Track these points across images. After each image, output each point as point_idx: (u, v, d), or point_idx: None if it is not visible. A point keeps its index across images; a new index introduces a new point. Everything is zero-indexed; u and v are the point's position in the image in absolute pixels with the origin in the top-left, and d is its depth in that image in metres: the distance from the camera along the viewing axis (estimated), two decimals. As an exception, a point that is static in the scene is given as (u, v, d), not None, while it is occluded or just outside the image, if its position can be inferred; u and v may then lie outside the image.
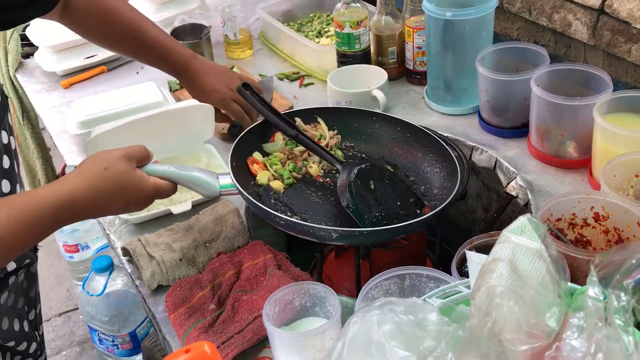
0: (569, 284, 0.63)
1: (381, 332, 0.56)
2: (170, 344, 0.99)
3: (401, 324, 0.56)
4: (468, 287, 0.68)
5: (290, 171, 1.18)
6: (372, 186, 1.07)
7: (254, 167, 1.17)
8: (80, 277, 2.28)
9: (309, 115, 1.27)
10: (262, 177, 1.16)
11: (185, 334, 0.97)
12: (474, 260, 0.66)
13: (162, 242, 1.12)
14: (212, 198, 1.10)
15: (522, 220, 0.62)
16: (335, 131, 1.27)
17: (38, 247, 1.29)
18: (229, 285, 1.04)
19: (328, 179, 1.19)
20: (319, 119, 1.27)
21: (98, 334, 2.01)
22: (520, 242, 0.59)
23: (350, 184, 1.05)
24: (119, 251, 1.16)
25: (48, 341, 2.32)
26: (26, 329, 1.14)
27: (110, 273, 1.92)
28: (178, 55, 1.27)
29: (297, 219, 1.07)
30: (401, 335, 0.55)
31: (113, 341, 2.01)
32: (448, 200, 1.10)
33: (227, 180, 1.06)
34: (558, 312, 0.56)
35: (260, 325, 0.95)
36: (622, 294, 0.53)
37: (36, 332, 1.23)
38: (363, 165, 1.09)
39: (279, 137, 1.23)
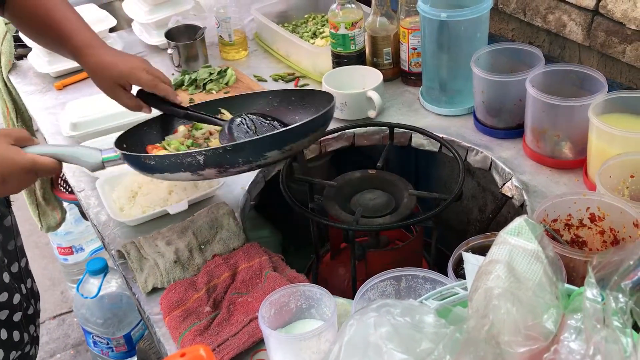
0: (566, 285, 0.62)
1: (378, 335, 0.55)
2: (165, 347, 0.98)
3: (398, 326, 0.56)
4: (465, 288, 0.68)
5: (189, 146, 1.18)
6: (249, 121, 1.13)
7: (153, 152, 1.18)
8: (75, 280, 2.27)
9: (213, 106, 1.27)
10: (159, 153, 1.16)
11: (180, 337, 0.96)
12: (471, 261, 0.66)
13: (157, 245, 1.11)
14: (97, 169, 1.06)
15: (519, 221, 0.62)
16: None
17: (11, 201, 1.29)
18: (224, 288, 1.03)
19: None
20: (222, 109, 1.27)
21: (92, 336, 2.00)
22: (518, 243, 0.59)
23: (230, 121, 1.13)
24: (114, 254, 1.15)
25: (42, 344, 2.31)
26: (6, 280, 1.13)
27: (105, 275, 1.91)
28: (80, 36, 1.18)
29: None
30: (398, 338, 0.55)
31: (108, 344, 2.00)
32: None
33: (111, 153, 1.06)
34: (555, 313, 0.55)
35: (256, 327, 0.94)
36: (620, 296, 0.53)
37: (22, 285, 1.22)
38: (243, 113, 1.15)
39: (181, 129, 1.24)
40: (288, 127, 1.06)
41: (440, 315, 0.60)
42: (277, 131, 1.07)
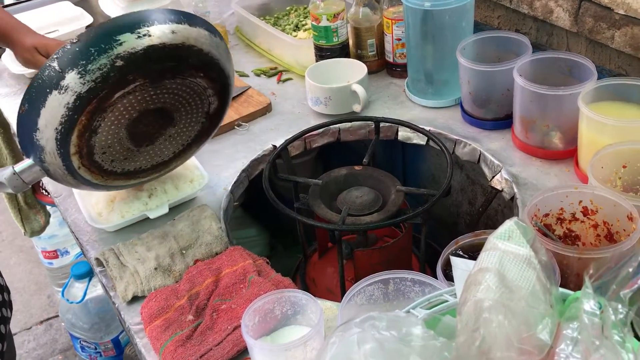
0: (561, 289, 0.59)
1: (362, 352, 0.52)
2: (146, 358, 0.94)
3: (383, 342, 0.52)
4: (454, 295, 0.64)
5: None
6: None
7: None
8: (61, 284, 2.23)
9: None
10: None
11: (162, 348, 0.92)
12: (459, 266, 0.63)
13: (136, 251, 1.07)
14: (18, 186, 0.99)
15: (509, 224, 0.58)
16: None
17: None
18: (207, 294, 0.99)
19: None
20: None
21: (80, 341, 1.96)
22: (508, 248, 0.55)
23: None
24: (92, 261, 1.11)
25: (29, 350, 2.27)
26: None
27: (90, 279, 1.87)
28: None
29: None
30: (383, 354, 0.51)
31: (96, 348, 1.96)
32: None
33: (22, 164, 0.99)
34: (550, 323, 0.52)
35: (241, 335, 0.91)
36: (620, 306, 0.49)
37: None
38: None
39: None
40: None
41: (428, 326, 0.57)
42: (128, 12, 0.96)
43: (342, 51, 1.50)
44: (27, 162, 0.98)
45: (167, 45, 0.93)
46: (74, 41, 0.91)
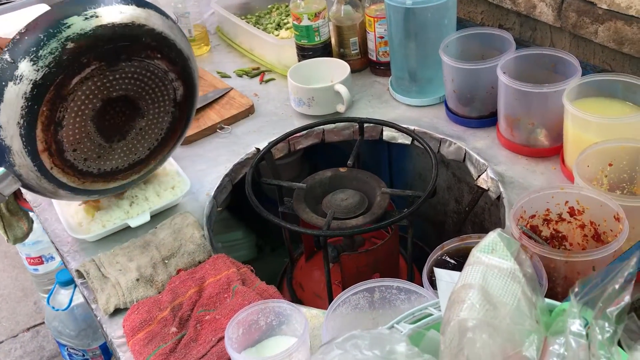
0: (547, 300, 0.58)
1: (344, 375, 0.50)
2: (130, 373, 0.92)
3: (366, 362, 0.51)
4: (438, 308, 0.63)
5: None
6: None
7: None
8: (47, 290, 2.20)
9: None
10: None
11: (145, 362, 0.91)
12: (444, 278, 0.61)
13: (118, 262, 1.05)
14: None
15: (492, 236, 0.57)
16: None
17: None
18: (190, 305, 0.98)
19: None
20: None
21: (67, 348, 1.93)
22: (492, 262, 0.54)
23: None
24: (73, 273, 1.09)
25: (16, 358, 2.24)
26: None
27: (76, 286, 1.84)
28: None
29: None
30: (366, 376, 0.50)
31: (83, 355, 1.93)
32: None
33: None
34: (537, 340, 0.51)
35: (225, 347, 0.89)
36: (606, 324, 0.48)
37: None
38: None
39: None
40: None
41: (412, 340, 0.56)
42: None
43: (324, 50, 1.48)
44: None
45: (117, 24, 0.92)
46: (22, 31, 0.89)
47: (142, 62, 0.97)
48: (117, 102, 0.98)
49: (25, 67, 0.88)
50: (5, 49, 0.89)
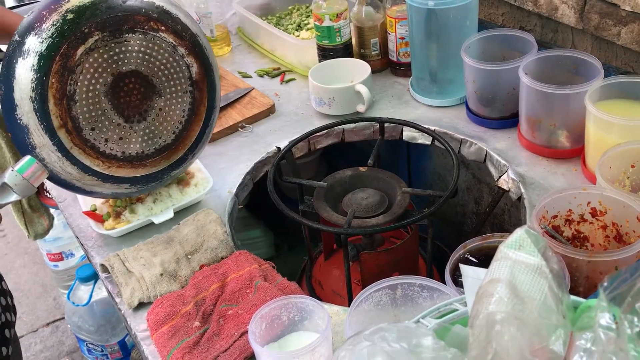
0: (572, 297, 0.58)
1: (372, 366, 0.51)
2: (153, 366, 0.94)
3: (394, 354, 0.52)
4: (464, 303, 0.64)
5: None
6: None
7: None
8: (66, 286, 2.23)
9: None
10: None
11: (169, 355, 0.92)
12: (469, 274, 0.62)
13: (142, 257, 1.07)
14: (24, 189, 0.96)
15: (519, 233, 0.57)
16: None
17: None
18: (213, 300, 0.99)
19: None
20: None
21: (86, 344, 1.96)
22: (519, 258, 0.54)
23: None
24: (98, 267, 1.11)
25: (36, 352, 2.27)
26: None
27: (96, 282, 1.87)
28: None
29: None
30: (394, 367, 0.51)
31: (102, 351, 1.96)
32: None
33: (20, 163, 0.95)
34: (564, 334, 0.51)
35: (247, 341, 0.90)
36: (636, 319, 0.49)
37: None
38: None
39: None
40: None
41: (438, 335, 0.56)
42: None
43: (345, 51, 1.49)
44: (25, 159, 0.96)
45: None
46: (30, 13, 0.95)
47: (147, 35, 0.99)
48: (129, 77, 1.00)
49: (30, 42, 0.93)
50: (16, 31, 0.95)
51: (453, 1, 1.26)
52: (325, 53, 1.49)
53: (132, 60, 0.99)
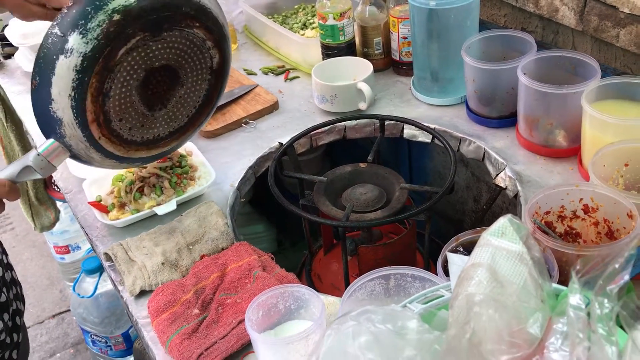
0: (554, 285, 0.60)
1: (357, 345, 0.53)
2: (153, 352, 0.97)
3: (378, 334, 0.54)
4: (450, 290, 0.66)
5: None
6: None
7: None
8: (72, 278, 2.26)
9: None
10: None
11: (168, 341, 0.95)
12: (455, 262, 0.64)
13: (144, 246, 1.10)
14: (45, 169, 0.99)
15: (502, 221, 0.60)
16: None
17: None
18: (212, 289, 1.01)
19: None
20: None
21: (91, 335, 1.99)
22: (501, 245, 0.56)
23: None
24: (101, 256, 1.14)
25: (42, 343, 2.30)
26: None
27: (101, 274, 1.90)
28: None
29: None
30: (378, 347, 0.53)
31: (106, 342, 1.99)
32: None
33: (43, 145, 0.99)
34: (541, 318, 0.53)
35: (245, 329, 0.93)
36: (606, 301, 0.51)
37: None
38: None
39: None
40: None
41: (424, 320, 0.58)
42: None
43: (348, 49, 1.51)
44: (48, 141, 0.99)
45: None
46: (70, 5, 0.93)
47: (182, 32, 1.00)
48: (159, 71, 1.02)
49: (74, 40, 0.91)
50: (55, 22, 0.93)
51: (454, 1, 1.28)
52: (329, 51, 1.52)
53: (165, 56, 1.01)
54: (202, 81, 1.09)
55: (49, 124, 0.98)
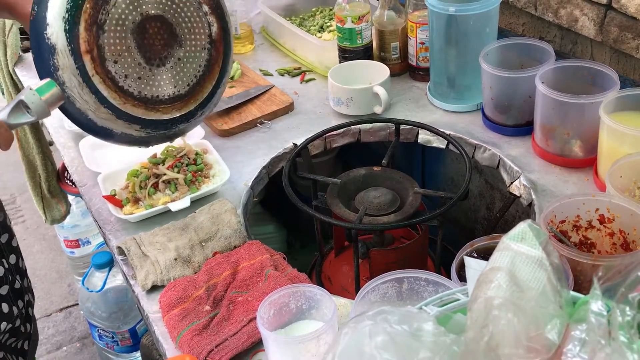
0: (572, 292, 0.60)
1: (373, 344, 0.53)
2: (164, 346, 0.97)
3: (395, 335, 0.54)
4: (466, 294, 0.65)
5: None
6: None
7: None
8: (81, 273, 2.27)
9: None
10: None
11: (179, 336, 0.95)
12: (472, 266, 0.64)
13: (157, 241, 1.10)
14: (40, 112, 0.97)
15: (522, 226, 0.59)
16: None
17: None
18: (224, 286, 1.02)
19: None
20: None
21: (98, 330, 2.00)
22: (521, 249, 0.56)
23: None
24: (114, 250, 1.14)
25: (49, 336, 2.31)
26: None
27: (110, 269, 1.91)
28: None
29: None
30: (394, 347, 0.53)
31: (113, 337, 1.99)
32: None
33: (41, 83, 0.96)
34: (559, 324, 0.53)
35: (256, 327, 0.93)
36: (627, 308, 0.50)
37: (4, 260, 1.21)
38: None
39: None
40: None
41: (440, 323, 0.58)
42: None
43: (365, 53, 1.52)
44: (44, 81, 0.97)
45: None
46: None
47: None
48: (155, 22, 1.03)
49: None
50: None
51: (473, 8, 1.28)
52: (346, 54, 1.52)
53: (161, 6, 1.02)
54: (201, 48, 1.09)
55: (43, 57, 0.97)
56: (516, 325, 0.51)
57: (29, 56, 1.81)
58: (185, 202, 1.18)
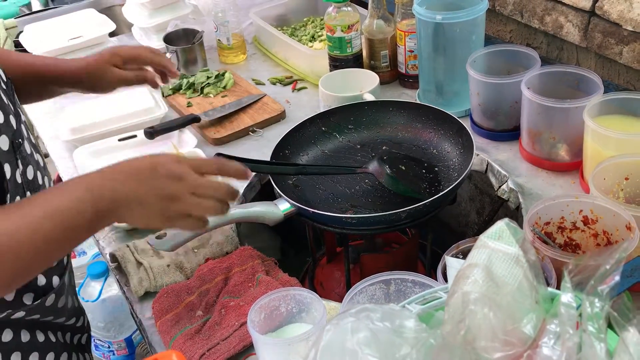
0: (549, 289, 0.62)
1: (355, 340, 0.55)
2: (157, 351, 0.98)
3: (377, 332, 0.55)
4: (447, 292, 0.67)
5: None
6: (403, 168, 1.15)
7: None
8: (77, 283, 2.28)
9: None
10: None
11: (171, 341, 0.96)
12: (454, 265, 0.65)
13: (151, 249, 1.11)
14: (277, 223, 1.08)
15: (499, 225, 0.61)
16: None
17: None
18: (216, 292, 1.03)
19: None
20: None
21: (94, 339, 2.00)
22: (497, 247, 0.58)
23: (386, 173, 1.12)
24: (108, 257, 1.16)
25: (45, 347, 2.31)
26: (76, 304, 1.07)
27: (106, 279, 1.92)
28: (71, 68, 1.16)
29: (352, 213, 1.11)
30: (376, 343, 0.54)
31: (109, 347, 2.00)
32: (463, 175, 1.10)
33: (285, 204, 1.08)
34: (535, 318, 0.55)
35: (247, 331, 0.94)
36: (597, 300, 0.52)
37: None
38: (384, 156, 1.16)
39: None
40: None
41: (422, 320, 0.60)
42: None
43: (355, 61, 1.54)
44: (286, 205, 1.08)
45: None
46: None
47: None
48: None
49: None
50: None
51: (460, 16, 1.30)
52: (336, 63, 1.54)
53: None
54: None
55: None
56: (492, 319, 0.53)
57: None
58: (178, 210, 1.20)
